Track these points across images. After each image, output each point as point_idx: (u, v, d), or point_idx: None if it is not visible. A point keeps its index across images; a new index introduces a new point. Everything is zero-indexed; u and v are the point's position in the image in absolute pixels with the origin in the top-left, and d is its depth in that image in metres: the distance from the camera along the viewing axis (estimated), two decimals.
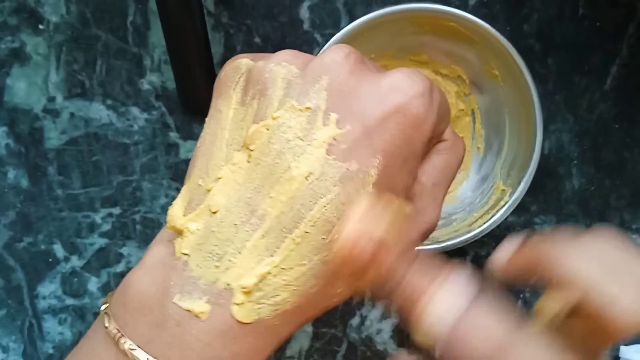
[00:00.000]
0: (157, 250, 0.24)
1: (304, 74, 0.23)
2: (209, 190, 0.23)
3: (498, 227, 0.35)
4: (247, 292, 0.22)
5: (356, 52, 0.25)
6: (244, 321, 0.22)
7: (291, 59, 0.24)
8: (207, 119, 0.25)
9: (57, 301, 0.40)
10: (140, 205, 0.39)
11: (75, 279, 0.40)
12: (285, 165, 0.22)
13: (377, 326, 0.39)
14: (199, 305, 0.22)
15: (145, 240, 0.39)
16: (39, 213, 0.39)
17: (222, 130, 0.24)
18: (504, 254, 0.24)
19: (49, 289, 0.40)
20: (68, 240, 0.39)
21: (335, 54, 0.24)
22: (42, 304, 0.40)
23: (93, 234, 0.39)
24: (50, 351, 0.40)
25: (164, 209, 0.39)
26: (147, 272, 0.23)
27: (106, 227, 0.39)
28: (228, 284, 0.22)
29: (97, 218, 0.39)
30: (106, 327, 0.23)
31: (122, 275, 0.39)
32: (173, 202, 0.24)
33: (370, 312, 0.40)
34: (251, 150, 0.23)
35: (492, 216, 0.35)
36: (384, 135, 0.23)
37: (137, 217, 0.39)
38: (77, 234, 0.39)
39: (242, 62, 0.25)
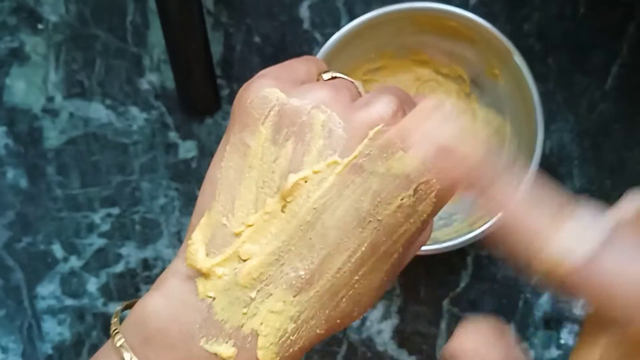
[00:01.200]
0: (175, 284, 0.23)
1: (349, 126, 0.23)
2: (237, 234, 0.23)
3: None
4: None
5: (402, 106, 0.24)
6: None
7: (331, 102, 0.23)
8: (227, 149, 0.24)
9: (56, 301, 0.40)
10: (139, 205, 0.39)
11: (75, 279, 0.40)
12: (321, 225, 0.23)
13: (378, 327, 0.39)
14: (226, 349, 0.22)
15: (145, 241, 0.39)
16: (38, 213, 0.39)
17: (249, 168, 0.23)
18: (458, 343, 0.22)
19: (48, 289, 0.40)
20: (67, 240, 0.39)
21: (383, 108, 0.23)
22: (41, 304, 0.40)
23: (92, 234, 0.39)
24: (50, 351, 0.40)
25: (163, 209, 0.39)
26: (167, 308, 0.23)
27: (105, 227, 0.39)
28: (254, 329, 0.22)
29: (96, 218, 0.39)
30: None
31: (121, 275, 0.40)
32: (192, 238, 0.24)
33: (371, 312, 0.39)
34: (287, 201, 0.23)
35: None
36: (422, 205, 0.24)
37: (137, 217, 0.39)
38: (76, 234, 0.39)
39: (272, 93, 0.24)
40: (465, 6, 0.37)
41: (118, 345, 0.23)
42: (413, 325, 0.39)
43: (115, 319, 0.24)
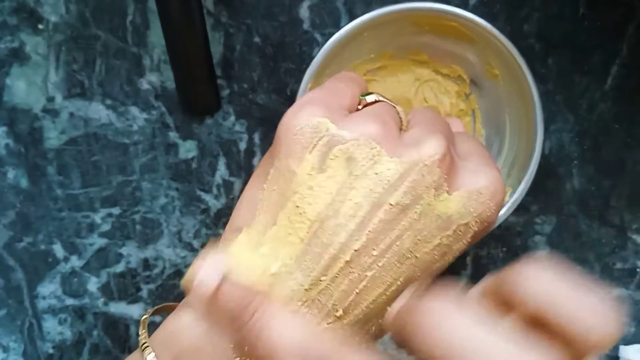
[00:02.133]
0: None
1: (397, 164, 0.23)
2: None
3: (498, 227, 0.35)
4: None
5: (450, 147, 0.24)
6: None
7: (380, 138, 0.23)
8: (272, 172, 0.24)
9: (57, 301, 0.40)
10: (139, 205, 0.39)
11: (75, 279, 0.40)
12: (362, 260, 0.23)
13: None
14: None
15: (145, 240, 0.39)
16: (38, 213, 0.39)
17: (294, 194, 0.23)
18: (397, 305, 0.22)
19: (48, 289, 0.40)
20: (68, 240, 0.39)
21: (434, 150, 0.23)
22: (42, 304, 0.40)
23: (93, 234, 0.39)
24: (51, 351, 0.40)
25: (164, 209, 0.39)
26: (201, 325, 0.23)
27: (106, 227, 0.39)
28: None
29: (97, 218, 0.39)
30: None
31: (122, 275, 0.40)
32: (233, 245, 0.24)
33: None
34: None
35: None
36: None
37: (137, 217, 0.39)
38: (76, 234, 0.39)
39: (322, 124, 0.24)
40: (465, 6, 0.37)
41: (147, 359, 0.23)
42: None
43: (144, 330, 0.24)
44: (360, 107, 0.27)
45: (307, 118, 0.24)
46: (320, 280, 0.23)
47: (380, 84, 0.37)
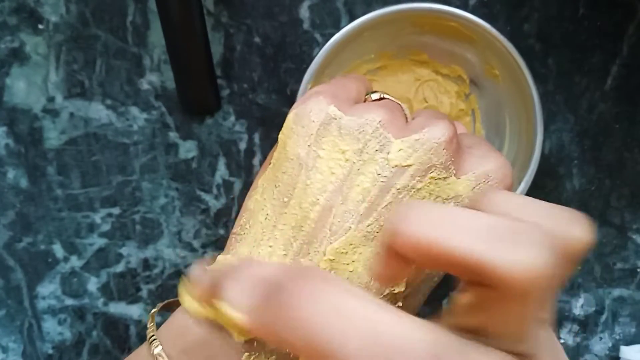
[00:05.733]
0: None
1: (405, 148, 0.23)
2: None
3: None
4: None
5: (457, 134, 0.24)
6: None
7: (387, 124, 0.24)
8: (274, 163, 0.25)
9: (56, 301, 0.40)
10: (139, 205, 0.39)
11: (75, 279, 0.40)
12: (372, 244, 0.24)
13: None
14: None
15: (145, 240, 0.39)
16: (38, 213, 0.39)
17: (303, 180, 0.24)
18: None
19: (48, 289, 0.40)
20: (67, 240, 0.39)
21: (441, 132, 0.23)
22: (42, 304, 0.40)
23: (92, 234, 0.39)
24: (50, 351, 0.40)
25: (164, 209, 0.39)
26: (210, 320, 0.23)
27: (106, 227, 0.39)
28: None
29: (97, 218, 0.39)
30: None
31: (122, 275, 0.40)
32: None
33: None
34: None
35: None
36: None
37: (137, 217, 0.39)
38: (76, 234, 0.39)
39: (332, 111, 0.24)
40: (465, 7, 0.37)
41: (155, 352, 0.23)
42: None
43: (152, 324, 0.24)
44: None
45: (316, 106, 0.24)
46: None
47: (380, 84, 0.38)
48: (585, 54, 0.38)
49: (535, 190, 0.37)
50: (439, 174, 0.23)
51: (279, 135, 0.25)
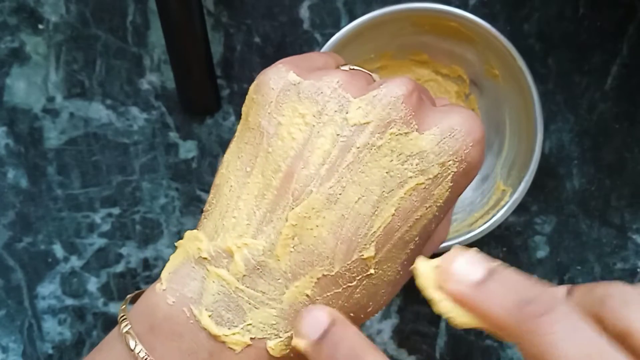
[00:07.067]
0: (186, 272, 0.24)
1: (364, 105, 0.23)
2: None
3: (498, 227, 0.35)
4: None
5: (417, 88, 0.24)
6: (277, 356, 0.23)
7: (347, 85, 0.23)
8: (237, 136, 0.25)
9: (56, 301, 0.40)
10: (139, 205, 0.39)
11: (75, 279, 0.40)
12: (334, 210, 0.23)
13: (377, 327, 0.39)
14: (236, 339, 0.22)
15: (145, 240, 0.39)
16: (38, 213, 0.39)
17: (265, 149, 0.24)
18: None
19: (48, 289, 0.40)
20: (67, 240, 0.39)
21: (399, 87, 0.23)
22: (42, 304, 0.40)
23: (92, 234, 0.39)
24: (50, 351, 0.40)
25: (164, 209, 0.39)
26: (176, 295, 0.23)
27: (106, 227, 0.39)
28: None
29: (97, 218, 0.39)
30: (132, 350, 0.23)
31: (122, 275, 0.40)
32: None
33: None
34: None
35: (493, 216, 0.35)
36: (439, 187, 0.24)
37: (137, 217, 0.39)
38: (76, 234, 0.39)
39: (291, 77, 0.24)
40: (465, 6, 0.37)
41: (124, 332, 0.23)
42: (413, 325, 0.39)
43: (124, 306, 0.24)
44: None
45: (275, 74, 0.24)
46: (294, 238, 0.23)
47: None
48: (585, 54, 0.38)
49: (535, 190, 0.38)
50: (399, 129, 0.23)
51: (242, 108, 0.25)
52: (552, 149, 0.38)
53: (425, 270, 0.20)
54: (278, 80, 0.24)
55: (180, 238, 0.25)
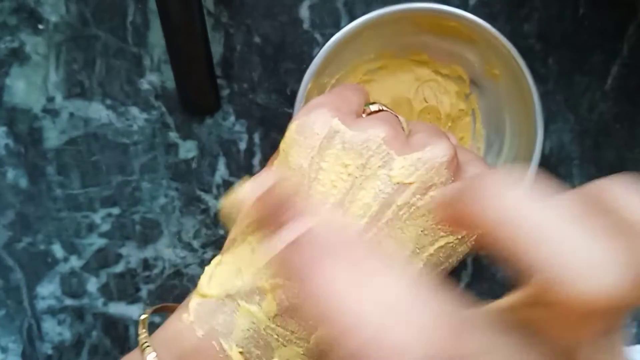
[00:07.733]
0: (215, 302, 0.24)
1: (406, 165, 0.23)
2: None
3: None
4: None
5: (456, 154, 0.24)
6: None
7: (390, 140, 0.24)
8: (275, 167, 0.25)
9: (56, 301, 0.40)
10: (139, 205, 0.39)
11: (75, 279, 0.40)
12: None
13: None
14: None
15: (145, 240, 0.39)
16: (38, 213, 0.39)
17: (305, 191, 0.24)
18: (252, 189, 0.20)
19: (48, 290, 0.40)
20: (67, 240, 0.39)
21: (442, 152, 0.24)
22: (41, 305, 0.40)
23: (92, 234, 0.39)
24: (49, 352, 0.40)
25: (164, 209, 0.39)
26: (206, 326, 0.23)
27: (105, 227, 0.39)
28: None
29: (97, 218, 0.39)
30: None
31: (122, 275, 0.40)
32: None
33: None
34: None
35: None
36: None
37: (137, 217, 0.39)
38: (76, 234, 0.39)
39: (335, 125, 0.24)
40: (465, 6, 0.37)
41: (143, 349, 0.23)
42: None
43: (144, 329, 0.24)
44: (364, 115, 0.28)
45: (320, 118, 0.24)
46: None
47: (380, 84, 0.37)
48: (585, 54, 0.38)
49: None
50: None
51: (280, 145, 0.25)
52: (552, 149, 0.38)
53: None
54: (322, 126, 0.24)
55: (181, 238, 0.25)
